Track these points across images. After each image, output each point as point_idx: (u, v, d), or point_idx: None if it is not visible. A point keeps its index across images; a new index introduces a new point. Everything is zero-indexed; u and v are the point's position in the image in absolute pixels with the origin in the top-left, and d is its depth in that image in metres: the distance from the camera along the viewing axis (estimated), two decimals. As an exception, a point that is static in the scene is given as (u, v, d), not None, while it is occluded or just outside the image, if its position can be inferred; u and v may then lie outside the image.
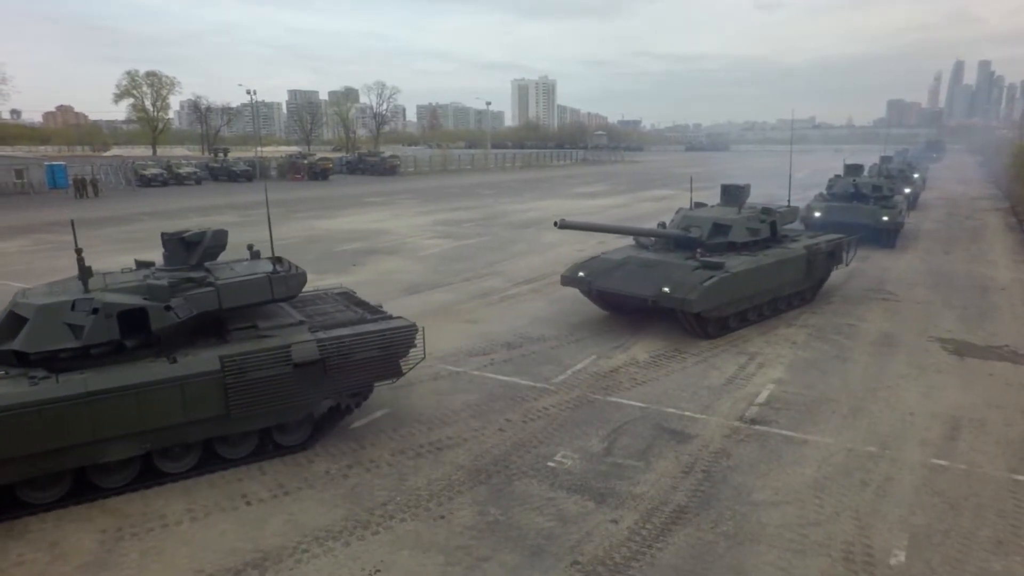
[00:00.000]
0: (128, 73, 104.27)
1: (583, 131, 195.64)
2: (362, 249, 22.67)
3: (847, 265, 16.11)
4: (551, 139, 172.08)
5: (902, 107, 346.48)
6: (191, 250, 8.28)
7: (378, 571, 5.97)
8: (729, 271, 12.25)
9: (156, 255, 9.04)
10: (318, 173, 58.64)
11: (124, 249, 22.63)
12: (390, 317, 8.80)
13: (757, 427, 8.88)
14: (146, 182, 49.92)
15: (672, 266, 12.57)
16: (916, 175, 36.44)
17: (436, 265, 19.83)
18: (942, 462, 7.91)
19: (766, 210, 14.62)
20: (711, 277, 11.96)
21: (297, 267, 8.72)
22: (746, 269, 12.63)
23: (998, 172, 54.13)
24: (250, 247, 9.04)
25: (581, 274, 13.39)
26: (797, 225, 18.65)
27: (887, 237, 22.21)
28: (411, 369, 8.81)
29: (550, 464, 7.88)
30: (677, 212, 14.81)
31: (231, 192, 46.47)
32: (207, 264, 8.34)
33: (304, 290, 8.99)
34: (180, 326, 7.30)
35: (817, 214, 22.73)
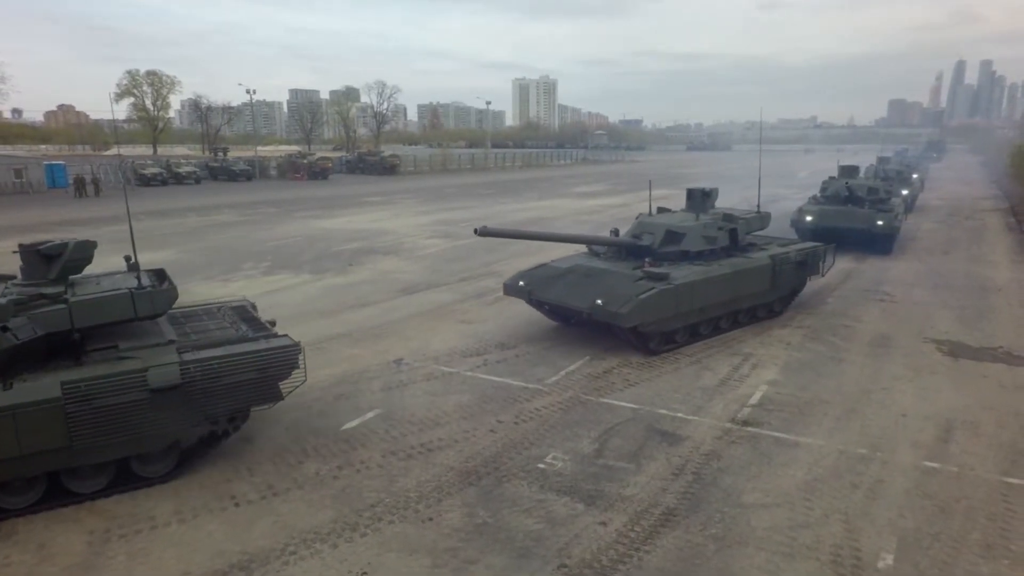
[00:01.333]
0: (128, 72, 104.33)
1: (584, 131, 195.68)
2: (360, 249, 22.66)
3: (823, 276, 15.07)
4: (552, 139, 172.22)
5: (904, 107, 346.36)
6: (51, 263, 7.43)
7: (365, 573, 5.96)
8: (672, 283, 11.39)
9: (158, 255, 9.00)
10: (318, 173, 58.73)
11: (125, 249, 22.57)
12: (274, 336, 8.08)
13: (749, 429, 8.86)
14: (145, 181, 49.99)
15: (616, 276, 11.79)
16: (915, 176, 36.13)
17: (433, 265, 19.81)
18: (933, 464, 7.89)
19: (727, 216, 13.67)
20: (649, 289, 11.12)
21: (170, 282, 8.08)
22: (693, 280, 11.73)
23: (999, 172, 54.06)
24: (127, 259, 8.28)
25: (522, 283, 12.63)
26: (775, 230, 18.63)
27: (882, 243, 21.13)
28: (291, 392, 8.08)
29: (540, 466, 7.87)
30: (637, 217, 14.05)
31: (230, 191, 46.53)
32: (72, 278, 7.69)
33: (228, 301, 8.44)
34: (20, 348, 6.56)
35: (808, 218, 21.60)
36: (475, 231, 10.94)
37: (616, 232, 13.61)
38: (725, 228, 13.33)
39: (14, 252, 7.69)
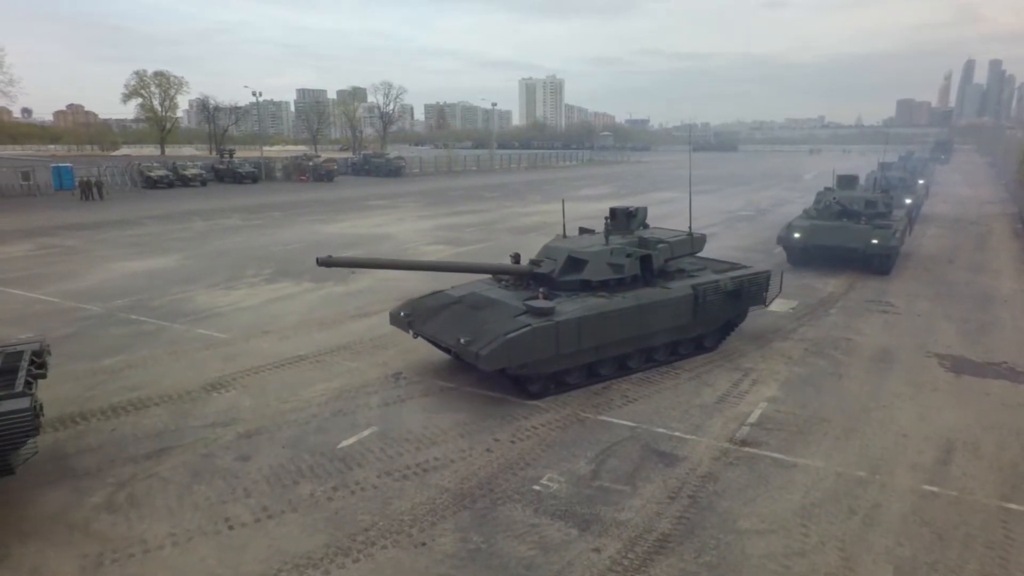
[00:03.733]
0: (136, 73, 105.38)
1: (590, 131, 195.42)
2: (363, 256, 22.65)
3: (767, 305, 13.49)
4: (558, 139, 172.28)
5: (912, 106, 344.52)
6: None
7: (356, 601, 5.94)
8: (553, 319, 9.94)
9: (162, 260, 9.01)
10: (323, 175, 58.93)
11: (130, 254, 22.73)
12: (8, 397, 7.03)
13: (747, 449, 8.81)
14: (152, 184, 50.17)
15: (500, 309, 10.43)
16: (921, 182, 35.23)
17: (435, 273, 19.75)
18: (933, 488, 7.82)
19: (642, 241, 11.99)
20: (522, 328, 9.70)
21: None
22: (581, 316, 10.20)
23: (1007, 174, 53.63)
24: None
25: (403, 313, 11.49)
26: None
27: (879, 263, 19.25)
28: (22, 463, 7.48)
29: (536, 488, 7.84)
30: (553, 239, 12.57)
31: (236, 194, 46.64)
32: None
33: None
34: None
35: (796, 235, 19.92)
36: (317, 261, 9.72)
37: (517, 257, 12.13)
38: (635, 255, 11.50)
39: None
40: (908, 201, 26.13)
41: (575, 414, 9.89)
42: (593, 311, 10.45)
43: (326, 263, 9.67)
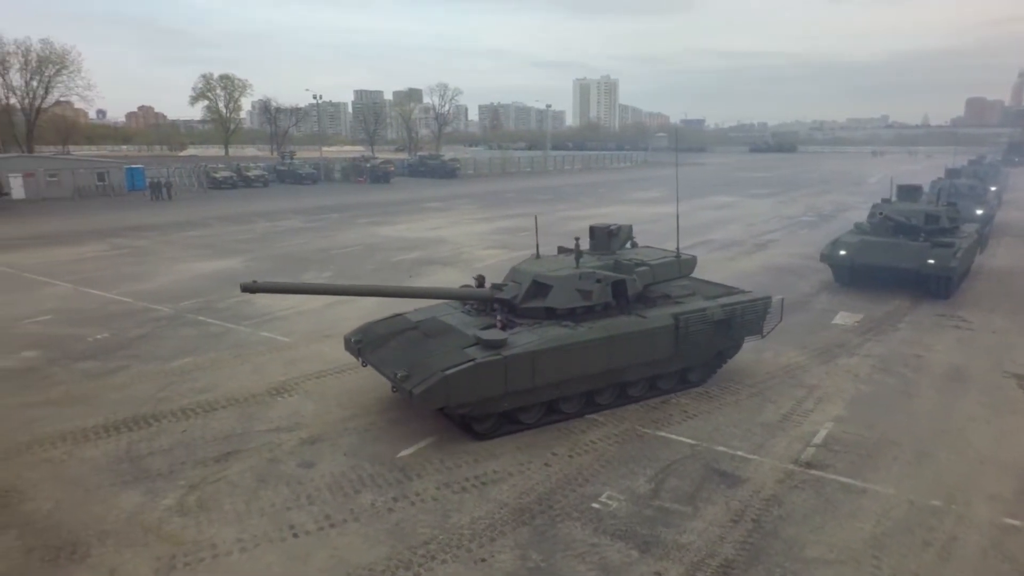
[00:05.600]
0: (204, 76, 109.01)
1: (644, 131, 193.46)
2: (420, 259, 22.95)
3: (763, 336, 11.99)
4: (612, 139, 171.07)
5: (983, 105, 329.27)
6: None
7: (418, 616, 6.00)
8: (502, 353, 8.90)
9: (227, 262, 9.29)
10: (380, 176, 59.92)
11: (196, 255, 23.55)
12: None
13: (813, 472, 8.56)
14: (217, 184, 52.07)
15: (452, 338, 9.51)
16: (993, 189, 32.58)
17: (490, 278, 19.83)
18: (1014, 522, 7.45)
19: (618, 264, 10.79)
20: (462, 363, 8.70)
21: None
22: (535, 351, 9.09)
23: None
24: None
25: (354, 339, 10.59)
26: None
27: (936, 286, 17.13)
28: None
29: (595, 505, 7.78)
30: (525, 260, 11.55)
31: (296, 195, 47.85)
32: None
33: None
34: None
35: (842, 252, 17.98)
36: (241, 288, 8.97)
37: (480, 280, 11.09)
38: (605, 281, 10.17)
39: None
40: (979, 212, 24.02)
41: (633, 429, 9.78)
42: (550, 344, 9.26)
43: (250, 289, 8.88)
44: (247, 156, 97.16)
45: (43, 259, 23.26)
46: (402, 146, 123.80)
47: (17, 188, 43.92)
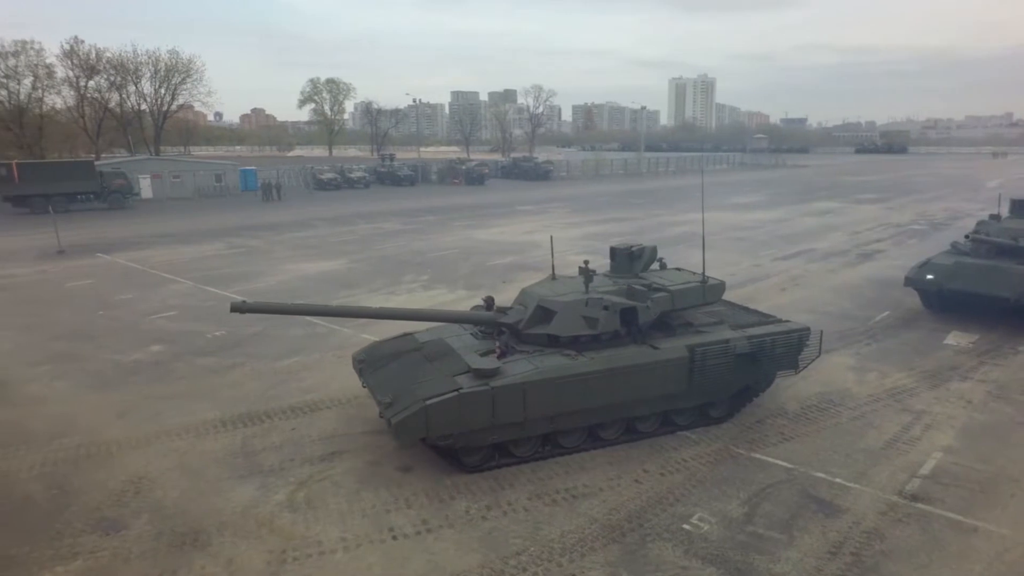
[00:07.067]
0: (311, 80, 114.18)
1: (742, 132, 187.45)
2: (513, 264, 23.30)
3: (796, 372, 10.96)
4: (708, 139, 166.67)
5: None
6: None
7: (509, 626, 6.21)
8: (490, 383, 8.48)
9: (331, 263, 9.81)
10: (475, 178, 61.08)
11: (303, 256, 24.88)
12: None
13: (919, 505, 8.19)
14: (322, 185, 55.01)
15: (448, 364, 9.10)
16: None
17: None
18: None
19: (631, 291, 9.91)
20: (446, 393, 8.31)
21: None
22: (526, 382, 8.60)
23: None
24: None
25: (359, 359, 10.45)
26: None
27: None
28: None
29: (686, 527, 7.77)
30: (537, 283, 10.90)
31: (395, 196, 49.54)
32: None
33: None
34: None
35: (930, 276, 15.88)
36: (231, 308, 8.98)
37: (489, 302, 10.54)
38: (614, 307, 9.53)
39: None
40: None
41: (727, 449, 9.66)
42: (544, 375, 8.73)
43: (239, 309, 8.91)
44: (349, 156, 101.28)
45: (168, 257, 25.20)
46: (496, 147, 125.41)
47: (146, 188, 47.69)
